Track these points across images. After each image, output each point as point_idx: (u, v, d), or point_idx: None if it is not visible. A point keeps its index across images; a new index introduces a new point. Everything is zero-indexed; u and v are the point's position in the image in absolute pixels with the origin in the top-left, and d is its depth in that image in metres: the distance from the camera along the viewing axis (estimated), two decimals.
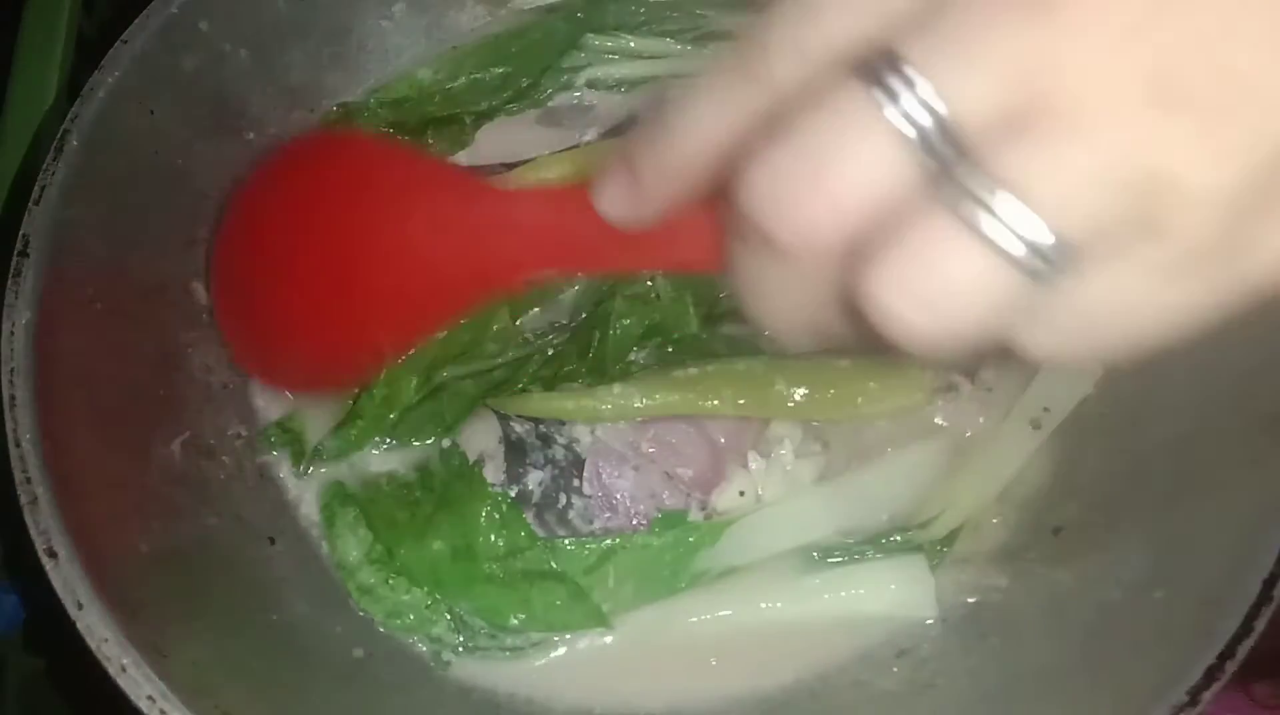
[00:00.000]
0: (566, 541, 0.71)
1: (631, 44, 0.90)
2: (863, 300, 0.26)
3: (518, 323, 0.76)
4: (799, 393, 0.73)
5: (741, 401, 0.73)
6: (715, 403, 0.73)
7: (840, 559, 0.71)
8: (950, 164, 0.24)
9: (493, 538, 0.70)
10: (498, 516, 0.71)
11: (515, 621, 0.69)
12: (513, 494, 0.74)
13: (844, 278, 0.27)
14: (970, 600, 0.71)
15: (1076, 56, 0.23)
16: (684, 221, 0.35)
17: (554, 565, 0.70)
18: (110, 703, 0.55)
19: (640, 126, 0.34)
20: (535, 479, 0.75)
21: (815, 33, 0.26)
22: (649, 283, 0.76)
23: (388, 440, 0.76)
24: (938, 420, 0.75)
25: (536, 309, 0.77)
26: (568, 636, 0.70)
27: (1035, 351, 0.27)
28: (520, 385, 0.75)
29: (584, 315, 0.75)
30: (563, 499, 0.74)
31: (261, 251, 0.67)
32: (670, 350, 0.76)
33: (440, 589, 0.70)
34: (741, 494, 0.73)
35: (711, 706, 0.69)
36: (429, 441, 0.76)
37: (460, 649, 0.70)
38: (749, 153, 0.28)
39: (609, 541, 0.70)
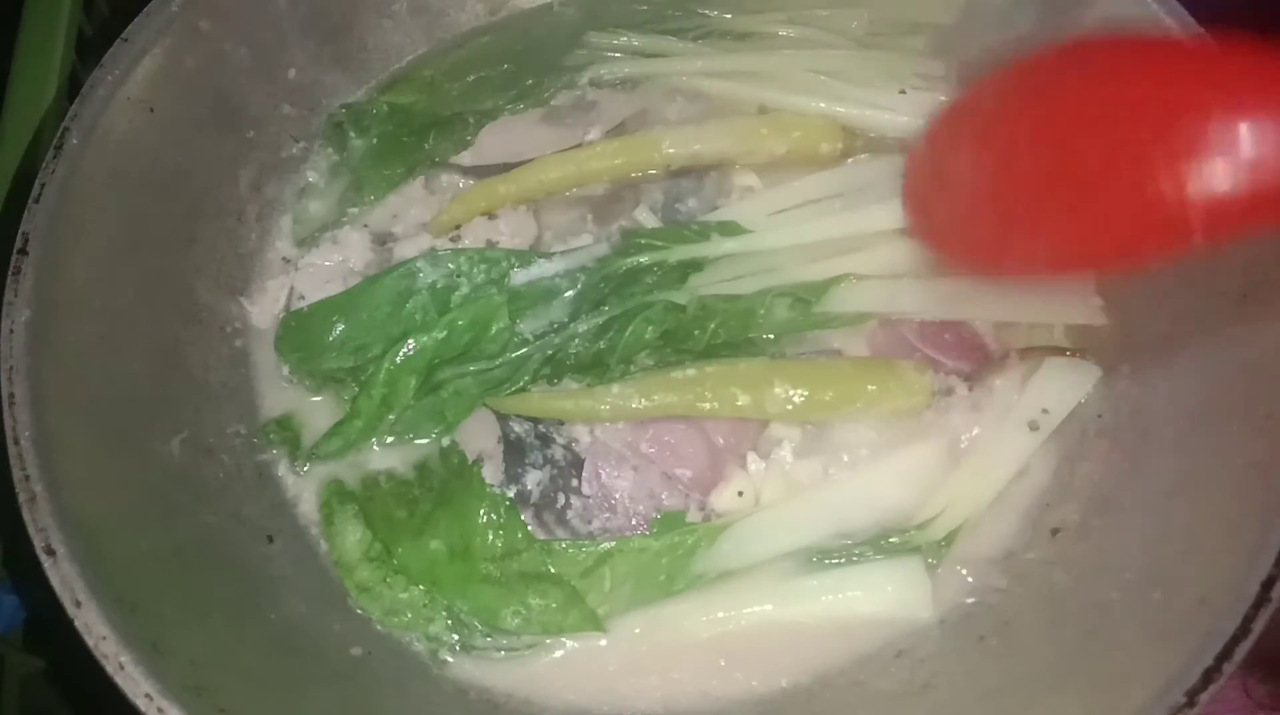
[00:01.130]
0: (564, 544, 0.71)
1: (634, 42, 0.90)
2: None
3: (517, 323, 0.76)
4: (798, 394, 0.73)
5: (740, 403, 0.73)
6: (714, 405, 0.73)
7: (838, 561, 0.71)
8: None
9: (490, 538, 0.70)
10: (495, 517, 0.71)
11: (511, 623, 0.69)
12: (511, 494, 0.74)
13: None
14: (968, 601, 0.71)
15: None
16: None
17: (550, 568, 0.70)
18: (109, 702, 0.55)
19: None
20: (534, 479, 0.75)
21: None
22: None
23: (387, 438, 0.76)
24: (936, 422, 0.75)
25: (536, 309, 0.77)
26: (564, 638, 0.70)
27: None
28: (520, 385, 0.76)
29: (599, 315, 0.75)
30: (561, 499, 0.74)
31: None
32: (669, 351, 0.76)
33: (437, 588, 0.70)
34: (740, 495, 0.73)
35: (709, 708, 0.69)
36: (428, 440, 0.76)
37: (458, 648, 0.70)
38: None
39: (606, 544, 0.70)
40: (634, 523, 0.73)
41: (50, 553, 0.57)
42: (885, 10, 0.90)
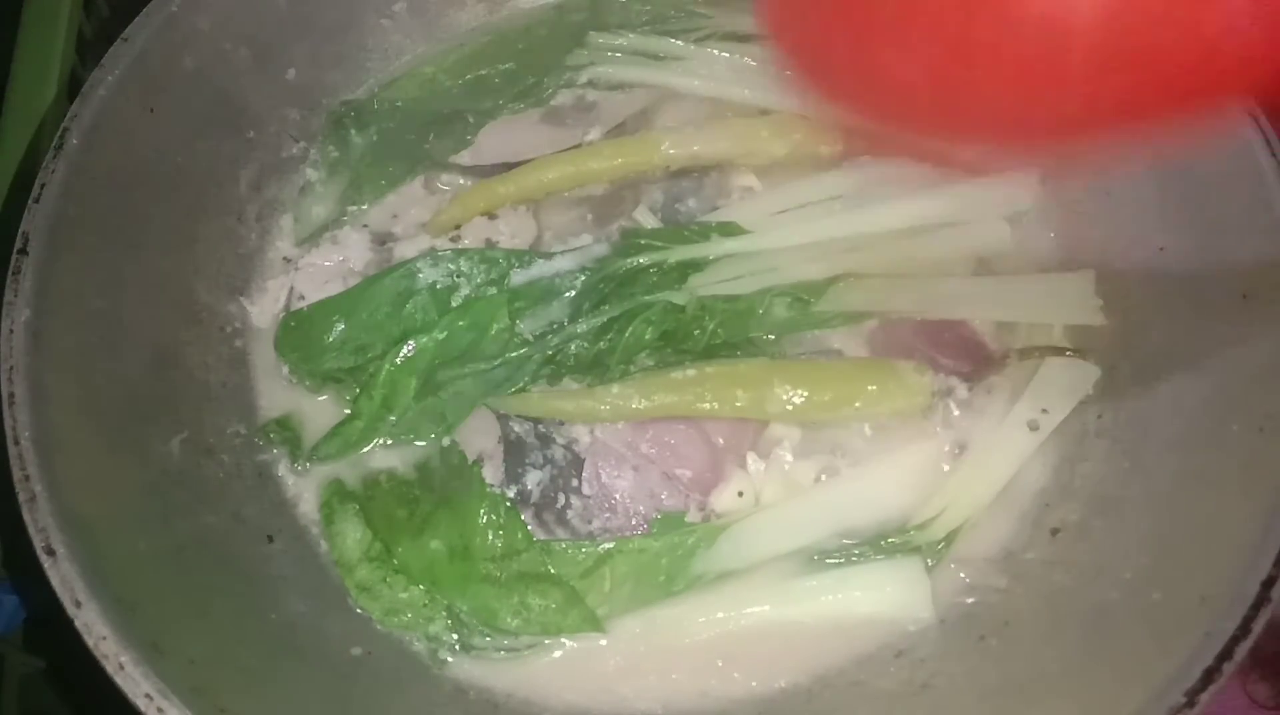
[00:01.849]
0: (564, 544, 0.71)
1: (635, 43, 0.90)
2: None
3: (517, 323, 0.76)
4: (798, 394, 0.73)
5: (740, 403, 0.73)
6: (714, 405, 0.73)
7: (838, 561, 0.71)
8: None
9: (490, 538, 0.70)
10: (495, 517, 0.71)
11: (510, 623, 0.69)
12: (511, 494, 0.74)
13: None
14: (968, 601, 0.71)
15: None
16: None
17: (550, 568, 0.70)
18: (109, 702, 0.55)
19: None
20: (534, 479, 0.75)
21: None
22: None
23: (387, 440, 0.76)
24: (936, 422, 0.75)
25: (536, 309, 0.77)
26: (564, 638, 0.70)
27: None
28: (520, 385, 0.76)
29: (599, 316, 0.75)
30: (562, 499, 0.74)
31: None
32: (669, 351, 0.76)
33: (437, 588, 0.70)
34: (740, 495, 0.73)
35: (708, 708, 0.69)
36: (429, 439, 0.76)
37: (457, 648, 0.70)
38: None
39: (606, 545, 0.70)
40: (634, 523, 0.73)
41: (50, 553, 0.57)
42: None
